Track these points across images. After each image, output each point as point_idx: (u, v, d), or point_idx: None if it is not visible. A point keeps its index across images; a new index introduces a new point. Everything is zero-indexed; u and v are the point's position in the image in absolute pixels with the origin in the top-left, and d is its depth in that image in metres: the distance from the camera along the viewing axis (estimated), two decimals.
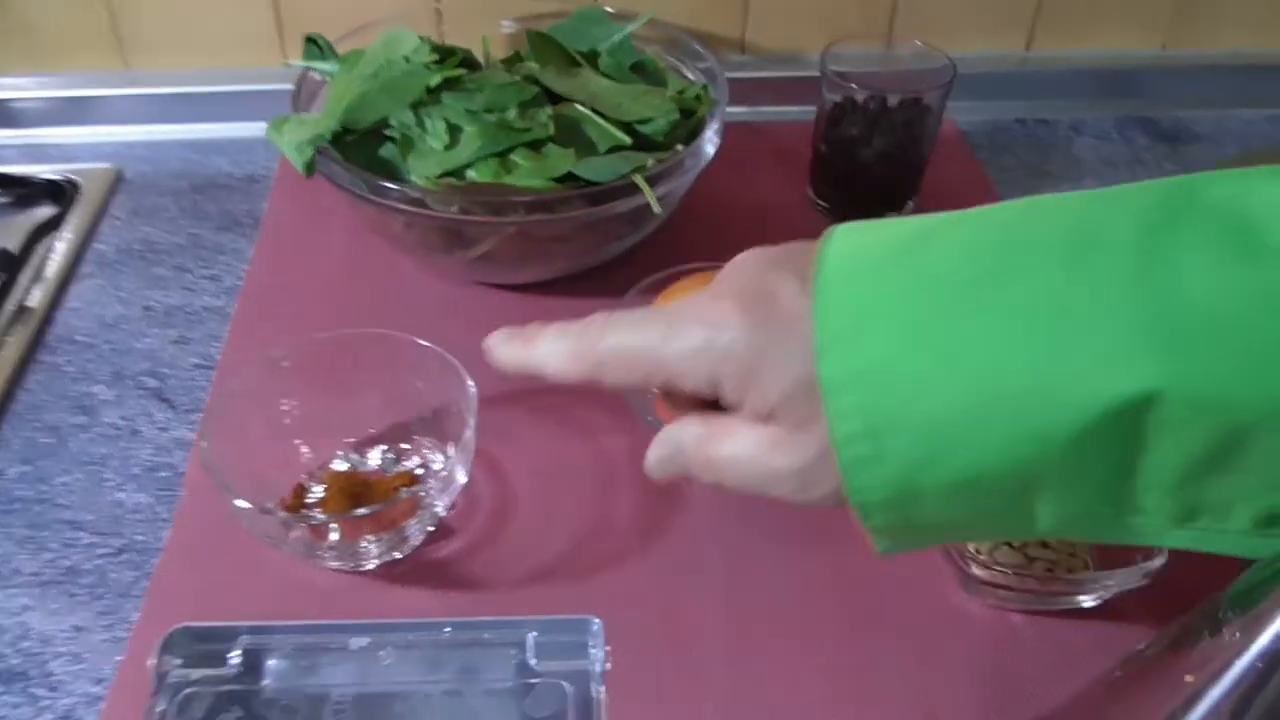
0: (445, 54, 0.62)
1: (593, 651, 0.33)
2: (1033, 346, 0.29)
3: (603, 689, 0.33)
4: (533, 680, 0.33)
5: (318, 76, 0.66)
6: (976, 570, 0.46)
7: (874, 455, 0.31)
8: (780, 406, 0.33)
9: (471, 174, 0.57)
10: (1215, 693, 0.31)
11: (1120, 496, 0.31)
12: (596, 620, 0.34)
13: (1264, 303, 0.28)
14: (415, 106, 0.59)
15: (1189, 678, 0.32)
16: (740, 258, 0.36)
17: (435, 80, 0.59)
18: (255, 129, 0.78)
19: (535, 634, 0.34)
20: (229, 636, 0.34)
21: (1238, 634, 0.30)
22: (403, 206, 0.56)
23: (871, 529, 0.34)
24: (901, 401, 0.30)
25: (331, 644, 0.34)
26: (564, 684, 0.33)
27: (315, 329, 0.61)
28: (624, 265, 0.66)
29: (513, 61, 0.67)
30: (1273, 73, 0.88)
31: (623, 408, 0.57)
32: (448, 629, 0.34)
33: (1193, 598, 0.50)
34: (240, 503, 0.45)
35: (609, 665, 0.33)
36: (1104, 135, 0.83)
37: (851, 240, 0.33)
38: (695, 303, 0.35)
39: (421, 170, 0.57)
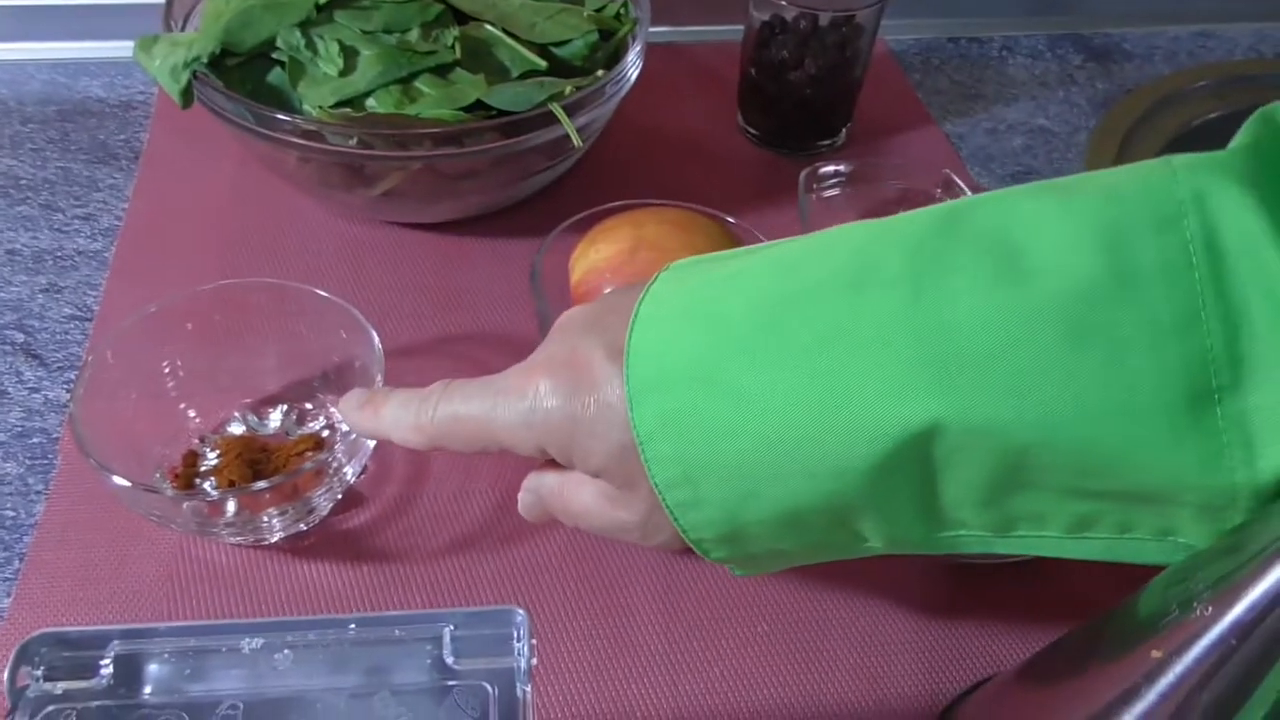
0: None
1: (517, 645, 0.30)
2: (819, 386, 0.30)
3: (529, 688, 0.30)
4: (451, 681, 0.30)
5: None
6: None
7: (694, 499, 0.33)
8: (605, 470, 0.34)
9: (371, 103, 0.52)
10: (1180, 667, 0.29)
11: (933, 517, 0.32)
12: (520, 611, 0.30)
13: (1024, 327, 0.28)
14: (304, 26, 0.53)
15: (1155, 652, 0.30)
16: (560, 322, 0.38)
17: None
18: (130, 48, 0.71)
19: (452, 628, 0.30)
20: (99, 642, 0.30)
21: (1210, 609, 0.29)
22: (295, 140, 0.51)
23: (717, 561, 0.35)
24: (708, 446, 0.32)
25: (221, 646, 0.30)
26: (486, 685, 0.30)
27: (205, 274, 0.56)
28: (543, 200, 0.61)
29: None
30: None
31: None
32: (353, 626, 0.30)
33: None
34: (119, 480, 0.40)
35: (535, 660, 0.30)
36: (1037, 54, 0.81)
37: (663, 290, 0.34)
38: (516, 373, 0.36)
39: (314, 99, 0.52)
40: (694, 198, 0.54)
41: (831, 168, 0.61)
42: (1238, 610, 0.28)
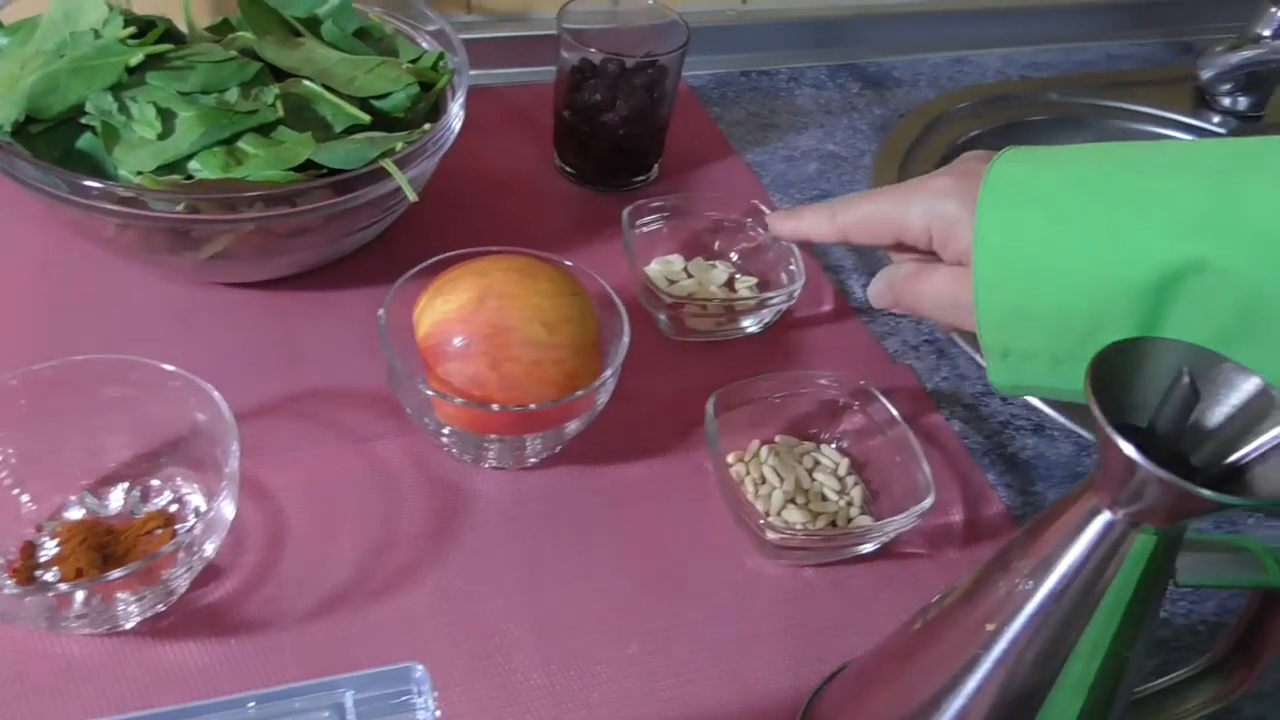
0: (144, 26, 0.54)
1: (420, 700, 0.31)
2: (1121, 221, 0.41)
3: None
4: None
5: None
6: (770, 535, 0.48)
7: (997, 280, 0.44)
8: (966, 253, 0.45)
9: (195, 165, 0.51)
10: (1011, 634, 0.34)
11: None
12: (419, 666, 0.31)
13: None
14: (115, 89, 0.51)
15: (989, 625, 0.34)
16: (965, 155, 0.49)
17: (136, 58, 0.51)
18: None
19: (354, 693, 0.31)
20: None
21: (1030, 583, 0.33)
22: (114, 207, 0.49)
23: (986, 347, 0.46)
24: (1023, 246, 0.43)
25: None
26: None
27: (20, 352, 0.53)
28: (372, 250, 0.62)
29: (221, 30, 0.60)
30: (953, 18, 0.96)
31: (394, 409, 0.53)
32: (252, 704, 0.31)
33: (954, 526, 0.54)
34: None
35: (439, 713, 0.31)
36: (820, 84, 0.87)
37: (1018, 150, 0.47)
38: (918, 180, 0.49)
39: (133, 164, 0.50)
40: (519, 239, 0.55)
41: (651, 203, 0.65)
42: (1052, 580, 0.33)
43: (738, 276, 0.65)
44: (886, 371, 0.61)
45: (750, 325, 0.62)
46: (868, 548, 0.50)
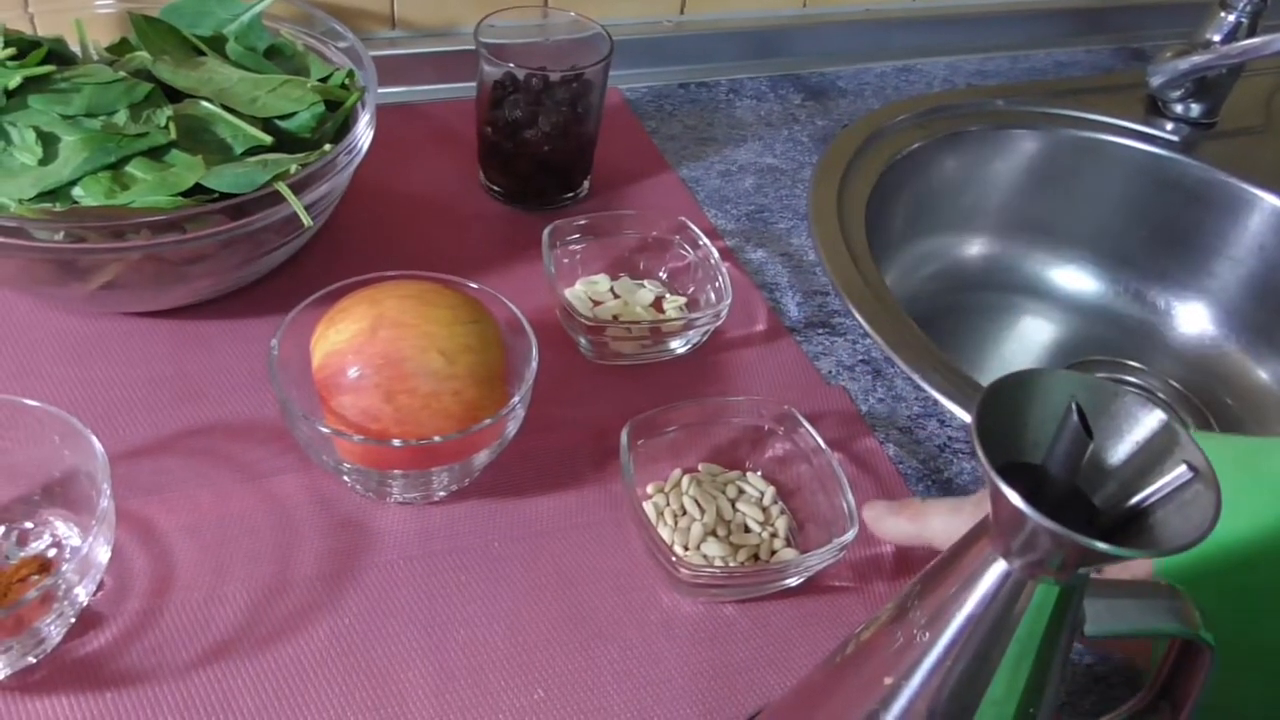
0: (27, 47, 0.52)
1: None
2: None
3: None
4: None
5: None
6: (684, 572, 0.45)
7: None
8: None
9: (78, 192, 0.48)
10: (910, 690, 0.32)
11: None
12: None
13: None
14: None
15: (888, 679, 0.32)
16: None
17: (15, 80, 0.49)
18: None
19: None
20: None
21: (927, 635, 0.31)
22: None
23: None
24: None
25: None
26: None
27: None
28: (286, 273, 0.59)
29: (120, 50, 0.58)
30: (899, 26, 0.94)
31: (291, 446, 0.51)
32: None
33: (883, 557, 0.52)
34: None
35: None
36: (761, 95, 0.86)
37: None
38: None
39: (12, 192, 0.48)
40: (441, 260, 0.53)
41: (573, 222, 0.62)
42: (950, 632, 0.31)
43: (666, 296, 0.63)
44: (820, 393, 0.59)
45: (678, 347, 0.60)
46: (790, 582, 0.48)
